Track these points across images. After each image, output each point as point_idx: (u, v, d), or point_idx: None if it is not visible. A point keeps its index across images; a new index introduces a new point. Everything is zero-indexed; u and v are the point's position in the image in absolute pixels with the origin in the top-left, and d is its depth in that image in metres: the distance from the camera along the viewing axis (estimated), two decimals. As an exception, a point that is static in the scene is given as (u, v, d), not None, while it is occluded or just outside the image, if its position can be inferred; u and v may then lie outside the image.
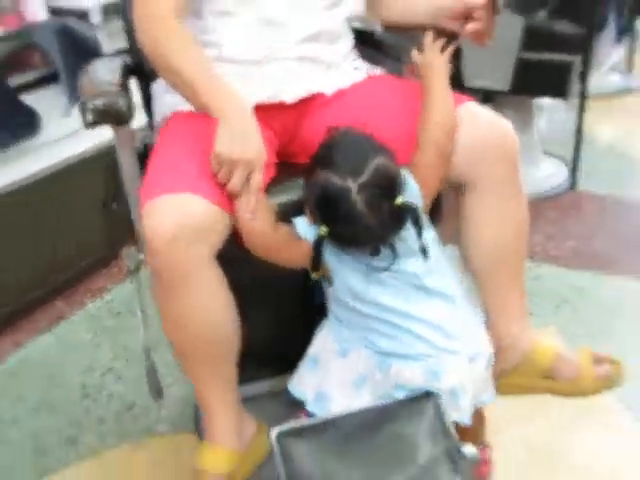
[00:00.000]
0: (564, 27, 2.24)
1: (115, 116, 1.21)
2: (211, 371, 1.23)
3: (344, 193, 1.01)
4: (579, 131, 2.47)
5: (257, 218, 1.08)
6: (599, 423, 1.57)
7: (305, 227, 1.11)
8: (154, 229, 1.05)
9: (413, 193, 1.12)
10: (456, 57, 2.36)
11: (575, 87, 2.32)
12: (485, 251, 1.28)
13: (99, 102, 1.20)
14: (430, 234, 1.16)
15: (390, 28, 1.43)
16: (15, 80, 1.83)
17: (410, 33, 1.32)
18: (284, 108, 1.28)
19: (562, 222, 2.40)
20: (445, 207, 1.32)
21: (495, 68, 2.31)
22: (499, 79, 2.32)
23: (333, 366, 1.20)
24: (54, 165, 1.96)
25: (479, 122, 1.20)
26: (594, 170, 2.68)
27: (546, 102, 2.89)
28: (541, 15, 2.26)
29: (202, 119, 1.13)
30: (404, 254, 1.10)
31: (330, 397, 1.19)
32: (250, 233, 1.10)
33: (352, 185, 1.01)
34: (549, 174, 2.65)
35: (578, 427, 1.57)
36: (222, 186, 1.08)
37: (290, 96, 1.27)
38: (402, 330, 1.12)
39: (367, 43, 1.46)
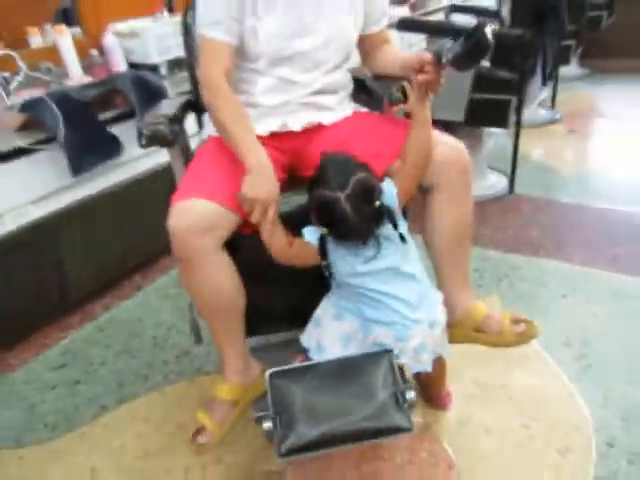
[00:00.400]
0: (504, 74, 2.16)
1: (160, 140, 1.19)
2: (221, 327, 1.22)
3: (335, 203, 1.01)
4: (515, 151, 2.40)
5: (275, 239, 1.09)
6: (525, 366, 1.53)
7: (310, 234, 1.09)
8: (173, 227, 1.07)
9: (390, 196, 1.09)
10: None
11: (512, 119, 2.24)
12: (444, 235, 1.25)
13: (147, 130, 1.16)
14: (404, 226, 1.12)
15: (377, 77, 1.38)
16: (103, 116, 1.78)
17: (391, 81, 1.26)
18: (292, 135, 1.25)
19: (503, 218, 2.33)
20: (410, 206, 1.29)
21: (452, 104, 2.24)
22: (455, 113, 2.26)
23: (330, 326, 1.17)
24: (132, 177, 1.93)
25: (443, 145, 1.19)
26: (528, 179, 2.61)
27: (493, 130, 2.80)
28: (486, 65, 2.19)
29: (226, 148, 1.13)
30: (385, 247, 1.08)
31: (325, 348, 1.16)
32: (272, 250, 1.10)
33: (340, 196, 1.01)
34: (493, 183, 2.58)
35: (512, 370, 1.52)
36: (229, 191, 1.08)
37: (296, 126, 1.25)
38: (382, 305, 1.10)
39: (360, 88, 1.42)
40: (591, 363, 1.51)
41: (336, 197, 1.01)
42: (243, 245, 1.19)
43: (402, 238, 1.07)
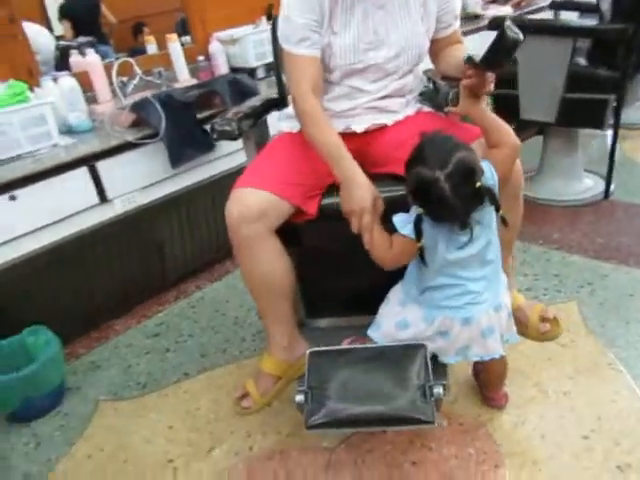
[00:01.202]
0: (601, 72, 2.02)
1: (227, 136, 1.30)
2: (269, 307, 1.30)
3: (434, 182, 0.99)
4: (612, 154, 2.22)
5: (375, 245, 1.11)
6: (595, 376, 1.45)
7: (403, 223, 1.09)
8: (229, 213, 1.17)
9: (491, 178, 1.09)
10: (515, 99, 2.22)
11: (609, 120, 2.09)
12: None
13: (218, 126, 1.28)
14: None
15: (443, 78, 1.38)
16: (201, 115, 1.93)
17: (455, 83, 1.26)
18: (355, 135, 1.30)
19: (594, 223, 2.18)
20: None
21: (543, 105, 2.14)
22: (547, 113, 2.15)
23: (393, 310, 1.21)
24: (225, 170, 2.08)
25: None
26: (630, 185, 2.41)
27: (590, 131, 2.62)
28: (582, 62, 2.06)
29: (286, 143, 1.20)
30: (477, 233, 1.06)
31: (380, 328, 1.19)
32: (375, 256, 1.12)
33: (440, 175, 0.99)
34: (589, 187, 2.41)
35: (580, 378, 1.44)
36: (282, 181, 1.17)
37: (360, 129, 1.30)
38: (458, 288, 1.11)
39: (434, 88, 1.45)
40: (672, 376, 1.39)
41: (436, 176, 0.98)
42: (307, 233, 1.26)
43: (504, 221, 1.06)
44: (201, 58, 2.32)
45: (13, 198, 1.59)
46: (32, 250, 1.67)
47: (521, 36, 1.03)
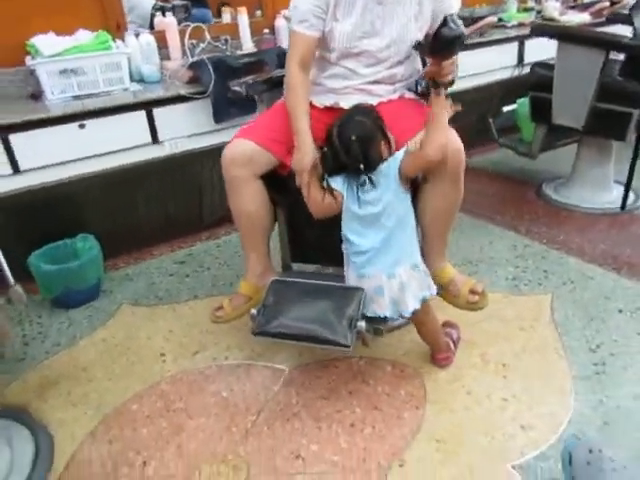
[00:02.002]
0: (631, 86, 2.05)
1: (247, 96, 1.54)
2: (248, 238, 1.55)
3: (330, 130, 1.29)
4: (632, 167, 2.24)
5: (311, 197, 1.35)
6: (538, 352, 1.57)
7: (334, 181, 1.33)
8: (223, 157, 1.43)
9: (395, 159, 1.30)
10: (549, 102, 2.29)
11: (632, 134, 2.11)
12: (431, 217, 1.46)
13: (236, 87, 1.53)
14: (401, 193, 1.32)
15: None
16: (245, 78, 2.16)
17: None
18: (341, 110, 1.47)
19: (604, 232, 2.21)
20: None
21: (573, 111, 2.19)
22: (576, 120, 2.20)
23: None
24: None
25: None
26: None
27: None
28: (614, 75, 2.09)
29: (280, 108, 1.45)
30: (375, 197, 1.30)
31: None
32: (309, 205, 1.37)
33: (334, 126, 1.28)
34: (615, 198, 2.42)
35: (524, 353, 1.58)
36: (268, 136, 1.42)
37: (346, 105, 1.48)
38: (355, 245, 1.34)
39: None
40: (606, 371, 1.48)
41: (332, 126, 1.28)
42: (289, 184, 1.48)
43: (370, 181, 1.28)
44: (266, 31, 2.57)
45: (82, 126, 1.94)
46: (93, 171, 2.01)
47: (458, 32, 1.18)
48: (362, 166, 1.26)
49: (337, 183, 1.33)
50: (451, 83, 1.29)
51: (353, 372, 1.55)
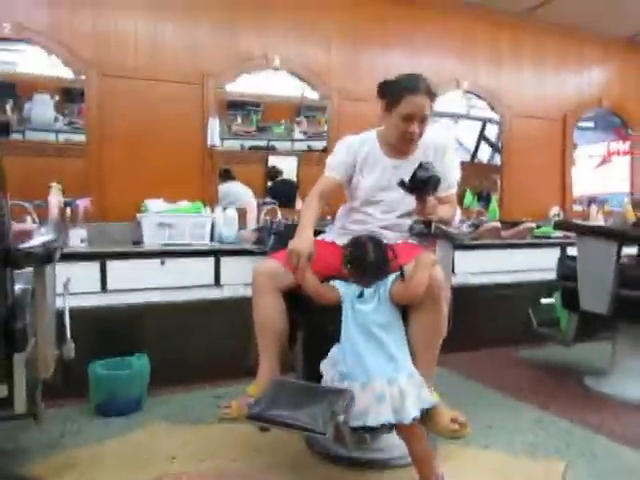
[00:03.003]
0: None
1: None
2: (264, 344, 1.74)
3: (346, 250, 1.63)
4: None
5: (306, 279, 1.63)
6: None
7: (337, 283, 1.61)
8: (254, 270, 1.74)
9: (387, 281, 1.56)
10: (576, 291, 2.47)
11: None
12: (416, 336, 1.61)
13: None
14: (392, 313, 1.56)
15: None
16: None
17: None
18: None
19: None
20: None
21: (598, 298, 2.34)
22: (601, 306, 2.33)
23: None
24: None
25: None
26: None
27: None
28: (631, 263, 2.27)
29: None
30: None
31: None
32: (303, 285, 1.64)
33: (350, 247, 1.63)
34: None
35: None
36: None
37: None
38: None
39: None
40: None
41: (349, 248, 1.61)
42: (311, 310, 1.75)
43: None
44: (328, 218, 3.12)
45: (163, 263, 2.42)
46: (162, 301, 2.42)
47: (430, 174, 1.53)
48: (381, 267, 1.55)
49: (336, 284, 1.60)
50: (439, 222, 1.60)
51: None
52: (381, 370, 1.47)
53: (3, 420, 1.80)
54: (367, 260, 1.56)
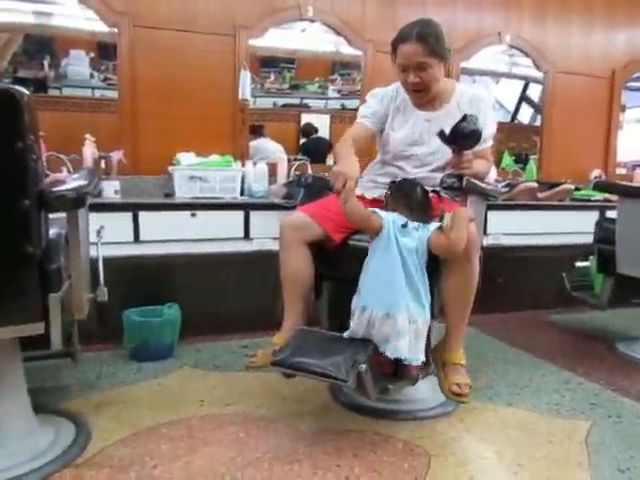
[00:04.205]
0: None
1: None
2: (289, 296, 1.76)
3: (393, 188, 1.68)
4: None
5: (349, 203, 1.55)
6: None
7: (379, 211, 1.59)
8: (281, 223, 1.74)
9: (426, 231, 1.56)
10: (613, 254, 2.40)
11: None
12: (448, 290, 1.62)
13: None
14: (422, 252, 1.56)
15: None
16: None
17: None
18: None
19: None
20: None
21: (636, 261, 2.26)
22: (638, 269, 2.26)
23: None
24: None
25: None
26: None
27: None
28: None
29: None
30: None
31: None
32: (345, 208, 1.57)
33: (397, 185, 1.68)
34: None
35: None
36: (320, 214, 1.69)
37: None
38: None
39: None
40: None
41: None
42: (334, 256, 1.75)
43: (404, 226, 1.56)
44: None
45: (194, 215, 2.45)
46: (193, 252, 2.46)
47: (473, 128, 1.47)
48: (427, 208, 1.60)
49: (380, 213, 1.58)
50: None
51: (364, 442, 1.59)
52: (407, 306, 1.48)
53: (43, 359, 1.88)
54: (415, 197, 1.58)
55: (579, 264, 2.86)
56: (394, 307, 1.47)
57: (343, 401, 1.84)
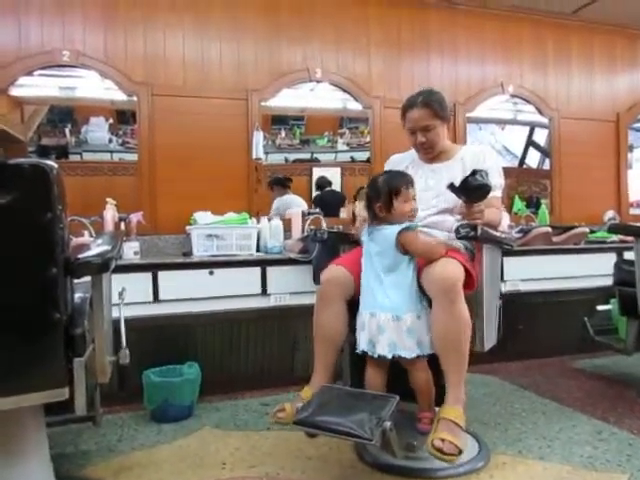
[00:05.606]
0: None
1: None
2: (320, 350, 1.76)
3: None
4: None
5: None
6: None
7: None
8: (322, 278, 1.75)
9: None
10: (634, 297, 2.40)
11: None
12: (435, 336, 1.62)
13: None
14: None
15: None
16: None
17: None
18: None
19: None
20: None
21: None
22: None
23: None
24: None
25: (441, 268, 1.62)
26: None
27: None
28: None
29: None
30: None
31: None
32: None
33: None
34: None
35: None
36: (353, 265, 1.74)
37: None
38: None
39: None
40: None
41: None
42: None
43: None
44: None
45: (212, 273, 2.48)
46: (211, 310, 2.48)
47: (481, 182, 1.50)
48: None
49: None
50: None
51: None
52: (388, 305, 1.61)
53: (65, 424, 1.88)
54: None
55: (600, 308, 2.82)
56: (376, 306, 1.62)
57: (368, 461, 1.79)
